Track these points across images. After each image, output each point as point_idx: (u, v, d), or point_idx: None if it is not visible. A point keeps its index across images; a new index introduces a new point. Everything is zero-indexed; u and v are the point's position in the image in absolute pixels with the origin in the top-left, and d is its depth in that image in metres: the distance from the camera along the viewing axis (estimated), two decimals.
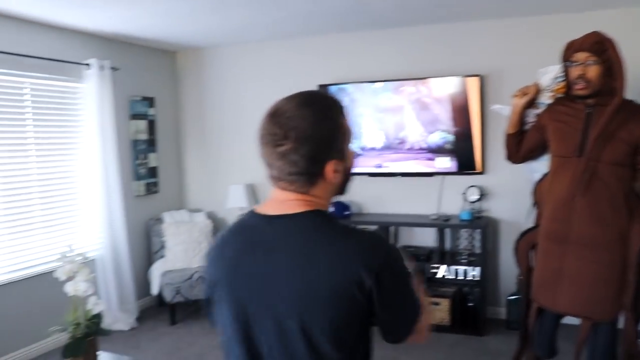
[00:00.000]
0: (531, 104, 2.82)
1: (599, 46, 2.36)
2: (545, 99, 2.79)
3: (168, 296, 4.66)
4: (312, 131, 1.12)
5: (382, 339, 1.24)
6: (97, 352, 2.47)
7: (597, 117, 2.42)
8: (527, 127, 2.86)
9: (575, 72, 2.42)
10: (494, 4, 4.02)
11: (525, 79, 4.40)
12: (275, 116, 1.16)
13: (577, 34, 2.68)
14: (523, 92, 2.82)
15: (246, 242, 1.21)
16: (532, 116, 2.85)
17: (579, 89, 2.42)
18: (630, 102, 2.44)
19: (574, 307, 2.53)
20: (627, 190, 2.43)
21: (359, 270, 1.10)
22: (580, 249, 2.47)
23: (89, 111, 4.54)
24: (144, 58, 5.24)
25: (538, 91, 2.79)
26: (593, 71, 2.38)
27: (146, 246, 5.24)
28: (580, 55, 2.40)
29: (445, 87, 4.53)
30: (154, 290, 4.95)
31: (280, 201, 1.20)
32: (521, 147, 2.86)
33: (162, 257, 5.06)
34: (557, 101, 2.67)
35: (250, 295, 1.18)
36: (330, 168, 1.16)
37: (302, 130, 1.12)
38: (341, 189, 1.26)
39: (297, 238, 1.16)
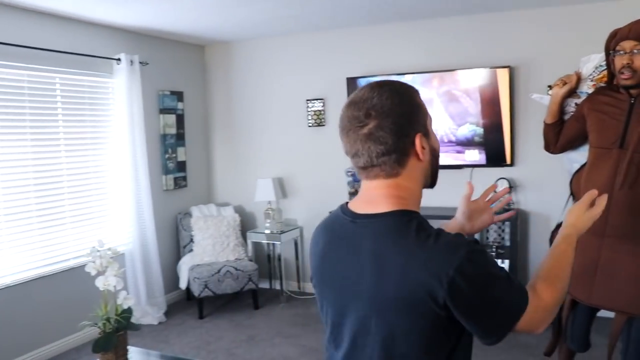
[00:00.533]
0: (571, 93, 2.72)
1: None
2: (586, 88, 2.70)
3: (196, 290, 4.69)
4: (392, 105, 1.12)
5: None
6: (127, 347, 2.49)
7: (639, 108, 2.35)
8: (567, 117, 2.78)
9: (620, 61, 2.31)
10: None
11: (555, 70, 4.31)
12: (353, 103, 1.15)
13: (608, 23, 2.61)
14: (563, 81, 2.71)
15: (333, 238, 1.24)
16: (572, 106, 2.76)
17: (625, 78, 2.31)
18: None
19: (609, 300, 2.46)
20: None
21: (430, 281, 1.05)
22: (616, 242, 2.41)
23: (118, 106, 4.58)
24: (173, 52, 5.26)
25: (579, 80, 2.69)
26: (639, 61, 2.27)
27: (174, 240, 5.28)
28: (627, 44, 2.29)
29: (474, 79, 4.45)
30: (182, 284, 4.99)
31: (369, 196, 1.19)
32: (560, 137, 2.76)
33: (190, 251, 5.10)
34: (599, 91, 2.58)
35: (334, 292, 1.21)
36: (418, 142, 1.14)
37: (382, 106, 1.11)
38: (432, 175, 1.23)
39: (374, 241, 1.14)
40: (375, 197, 1.18)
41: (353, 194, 4.92)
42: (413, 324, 1.09)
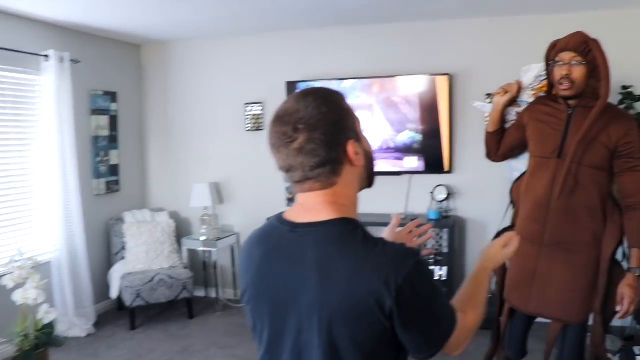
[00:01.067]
0: (512, 102, 2.76)
1: (585, 47, 2.29)
2: (527, 98, 2.75)
3: (128, 300, 4.49)
4: (320, 115, 1.09)
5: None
6: None
7: (578, 119, 2.37)
8: (508, 125, 2.82)
9: (560, 72, 2.36)
10: (463, 4, 3.99)
11: (493, 78, 4.40)
12: (279, 118, 1.13)
13: (547, 34, 2.66)
14: (505, 90, 2.75)
15: (271, 250, 1.19)
16: (513, 114, 2.79)
17: (564, 89, 2.35)
18: (610, 106, 2.40)
19: (545, 309, 2.51)
20: (604, 195, 2.41)
21: (379, 288, 1.03)
22: (554, 251, 2.45)
23: (46, 105, 4.32)
24: (107, 51, 5.04)
25: (520, 89, 2.73)
26: (578, 72, 2.31)
27: (106, 247, 5.05)
28: (566, 56, 2.33)
29: (413, 86, 4.48)
30: (113, 293, 4.76)
31: (307, 206, 1.16)
32: (501, 146, 2.80)
33: (122, 258, 4.89)
34: (539, 100, 2.63)
35: (274, 307, 1.16)
36: (351, 148, 1.12)
37: (310, 118, 1.09)
38: (368, 177, 1.22)
39: (319, 250, 1.10)
40: (314, 206, 1.15)
41: (291, 199, 4.85)
42: (358, 334, 1.06)
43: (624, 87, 3.90)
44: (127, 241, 4.85)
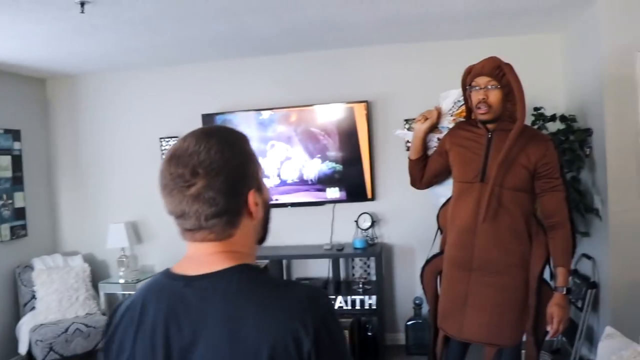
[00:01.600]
0: (433, 128, 2.78)
1: (499, 71, 2.35)
2: (447, 123, 2.77)
3: (39, 355, 4.13)
4: (222, 161, 0.99)
5: None
6: None
7: (497, 142, 2.41)
8: (431, 152, 2.82)
9: (476, 96, 2.41)
10: (377, 31, 4.07)
11: (411, 104, 4.51)
12: (176, 157, 1.00)
13: (461, 60, 2.73)
14: (425, 117, 2.76)
15: (165, 311, 1.01)
16: (434, 141, 2.81)
17: (481, 113, 2.40)
18: (528, 128, 2.47)
19: (478, 334, 2.50)
20: (527, 216, 2.44)
21: (297, 330, 0.93)
22: (483, 275, 2.46)
23: None
24: (7, 86, 4.71)
25: (440, 115, 2.76)
26: (494, 96, 2.37)
27: (13, 299, 4.64)
28: (481, 80, 2.40)
29: (332, 115, 4.49)
30: (22, 349, 4.36)
31: (200, 257, 1.03)
32: (425, 173, 2.80)
33: (32, 309, 4.52)
34: (458, 125, 2.66)
35: None
36: (252, 199, 1.03)
37: (211, 162, 0.98)
38: (263, 230, 1.12)
39: (222, 302, 0.98)
40: (207, 257, 1.03)
41: None
42: None
43: (536, 109, 4.08)
44: (37, 290, 4.50)
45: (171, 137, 4.85)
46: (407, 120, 4.45)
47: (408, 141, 2.93)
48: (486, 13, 3.72)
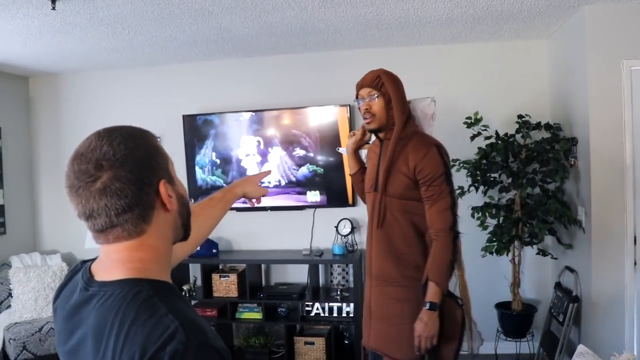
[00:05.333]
0: (363, 144, 2.75)
1: (378, 80, 2.41)
2: (374, 138, 2.79)
3: (12, 353, 4.09)
4: (127, 151, 0.96)
5: None
6: None
7: (384, 151, 2.44)
8: None
9: (362, 107, 2.46)
10: (358, 35, 4.02)
11: None
12: (79, 155, 0.97)
13: (445, 65, 2.68)
14: (352, 134, 2.77)
15: (69, 312, 1.02)
16: (363, 156, 2.86)
17: (367, 122, 2.46)
18: (416, 135, 2.43)
19: (377, 343, 2.47)
20: (418, 224, 2.39)
21: (134, 355, 0.85)
22: (380, 285, 2.46)
23: None
24: None
25: (365, 132, 2.71)
26: (376, 105, 2.42)
27: None
28: (363, 92, 2.46)
29: (313, 118, 4.42)
30: None
31: (106, 261, 1.00)
32: (364, 188, 2.77)
33: (8, 307, 4.47)
34: (375, 140, 2.69)
35: None
36: (163, 190, 0.99)
37: (114, 154, 0.95)
38: (183, 225, 1.07)
39: (99, 316, 0.94)
40: (111, 262, 0.99)
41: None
42: None
43: (520, 116, 3.99)
44: (13, 288, 4.45)
45: None
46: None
47: None
48: (469, 17, 3.64)
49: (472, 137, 4.04)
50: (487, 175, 4.00)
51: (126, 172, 0.94)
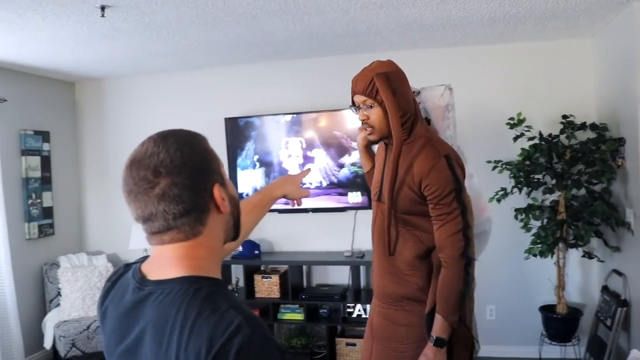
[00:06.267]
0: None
1: (372, 87, 1.98)
2: None
3: (62, 350, 4.22)
4: (182, 157, 0.99)
5: None
6: None
7: (390, 157, 2.07)
8: None
9: (359, 117, 2.08)
10: (399, 36, 4.01)
11: None
12: (136, 162, 1.00)
13: (488, 65, 2.61)
14: (362, 128, 2.32)
15: (123, 312, 1.04)
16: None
17: (368, 135, 2.09)
18: (425, 140, 2.05)
19: None
20: (427, 242, 2.06)
21: (200, 348, 0.88)
22: (381, 305, 2.19)
23: None
24: (38, 89, 4.84)
25: None
26: (374, 115, 2.02)
27: (39, 294, 4.76)
28: (358, 99, 2.05)
29: (355, 119, 4.41)
30: (47, 344, 4.48)
31: (160, 260, 1.03)
32: None
33: (57, 305, 4.61)
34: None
35: None
36: (217, 193, 1.02)
37: (172, 161, 0.98)
38: (234, 226, 1.10)
39: (159, 313, 0.97)
40: (168, 261, 1.02)
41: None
42: None
43: (564, 117, 3.93)
44: (62, 287, 4.59)
45: None
46: None
47: None
48: (512, 17, 3.60)
49: (515, 138, 3.99)
50: (531, 176, 3.94)
51: (183, 179, 0.98)
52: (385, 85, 1.97)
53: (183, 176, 0.98)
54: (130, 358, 1.01)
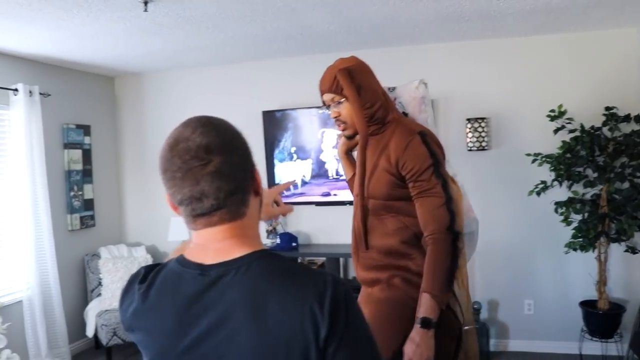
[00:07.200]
0: (353, 146, 2.36)
1: (336, 84, 2.01)
2: None
3: (104, 338, 4.33)
4: (232, 139, 1.02)
5: None
6: None
7: (369, 150, 2.07)
8: None
9: (331, 114, 2.09)
10: (438, 28, 3.98)
11: (473, 103, 4.38)
12: (184, 140, 0.98)
13: (527, 58, 2.58)
14: (341, 135, 2.35)
15: (184, 305, 0.99)
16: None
17: (341, 130, 2.11)
18: (398, 122, 2.05)
19: None
20: (414, 229, 1.99)
21: (315, 315, 0.92)
22: (362, 298, 2.11)
23: (16, 139, 4.21)
24: (79, 83, 4.95)
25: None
26: (344, 110, 2.03)
27: (81, 284, 4.88)
28: (326, 98, 2.08)
29: None
30: (90, 332, 4.59)
31: (214, 243, 1.02)
32: None
33: (98, 295, 4.73)
34: None
35: None
36: (258, 176, 1.06)
37: (222, 140, 0.99)
38: (260, 209, 1.13)
39: (242, 291, 0.96)
40: (222, 244, 1.01)
41: (271, 231, 4.73)
42: None
43: (607, 108, 3.86)
44: (103, 277, 4.70)
45: None
46: (469, 120, 4.32)
47: None
48: (554, 7, 3.54)
49: (556, 131, 3.94)
50: (572, 169, 3.88)
51: (235, 158, 1.00)
52: (347, 81, 1.99)
53: (234, 155, 1.00)
54: (207, 346, 0.97)
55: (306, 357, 0.92)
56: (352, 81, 2.01)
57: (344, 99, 2.02)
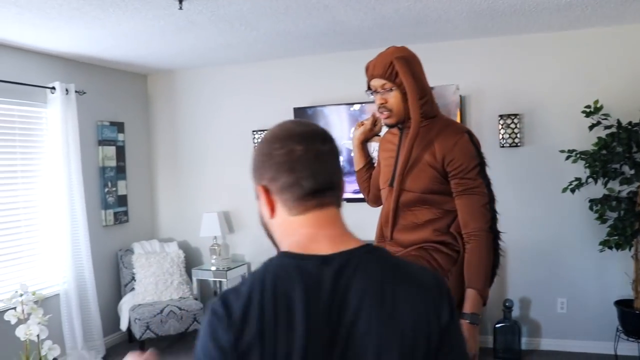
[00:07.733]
0: (373, 136, 2.43)
1: (391, 69, 2.00)
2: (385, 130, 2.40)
3: (137, 332, 4.40)
4: (327, 132, 1.08)
5: None
6: None
7: (404, 142, 2.07)
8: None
9: (377, 101, 2.09)
10: (470, 24, 3.95)
11: (506, 99, 4.35)
12: (304, 125, 1.05)
13: (560, 53, 2.56)
14: (360, 124, 2.43)
15: (309, 296, 0.91)
16: (372, 150, 2.55)
17: (384, 118, 2.10)
18: (442, 120, 2.10)
19: None
20: (447, 221, 2.03)
21: (440, 306, 0.98)
22: None
23: (53, 137, 4.32)
24: (113, 81, 5.04)
25: (376, 121, 2.38)
26: (392, 98, 2.04)
27: (115, 279, 4.98)
28: (375, 83, 2.06)
29: None
30: (123, 325, 4.69)
31: (324, 229, 0.99)
32: (370, 187, 2.44)
33: (132, 290, 4.81)
34: (388, 130, 2.29)
35: None
36: None
37: (324, 131, 1.07)
38: None
39: (371, 280, 0.94)
40: (333, 229, 1.00)
41: None
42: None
43: None
44: (136, 272, 4.78)
45: (263, 130, 4.97)
46: (501, 116, 4.28)
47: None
48: (590, 1, 3.48)
49: (591, 127, 3.88)
50: (607, 166, 3.83)
51: (335, 147, 1.05)
52: (405, 69, 1.99)
53: (334, 144, 1.06)
54: (348, 339, 0.91)
55: (429, 343, 0.94)
56: (409, 70, 2.01)
57: (394, 87, 2.02)
